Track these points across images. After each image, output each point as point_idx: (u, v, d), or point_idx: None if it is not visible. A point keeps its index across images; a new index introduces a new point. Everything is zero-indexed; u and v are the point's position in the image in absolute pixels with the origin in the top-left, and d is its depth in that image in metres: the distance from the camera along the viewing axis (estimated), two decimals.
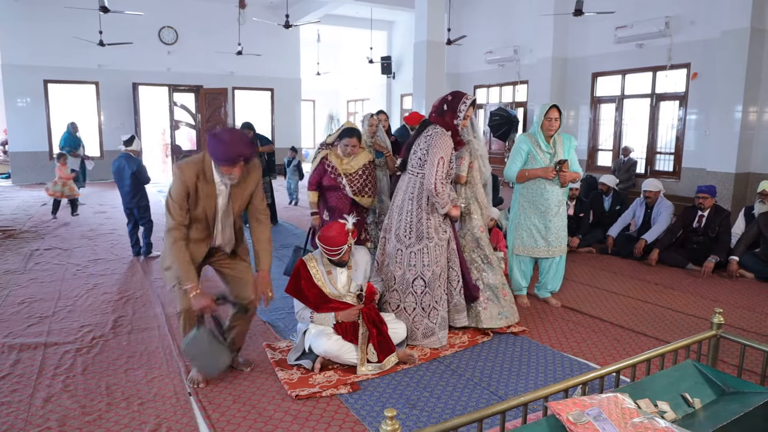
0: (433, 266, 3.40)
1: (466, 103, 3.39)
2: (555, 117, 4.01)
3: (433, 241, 3.39)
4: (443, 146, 3.29)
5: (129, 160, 5.61)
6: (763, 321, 4.04)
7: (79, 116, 12.57)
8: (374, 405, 2.73)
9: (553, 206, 4.10)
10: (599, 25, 9.31)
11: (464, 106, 3.38)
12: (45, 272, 5.20)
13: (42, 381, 2.99)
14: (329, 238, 3.14)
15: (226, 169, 2.70)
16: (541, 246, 4.17)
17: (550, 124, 4.03)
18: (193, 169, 2.73)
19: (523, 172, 4.11)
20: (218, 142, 2.63)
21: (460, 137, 3.45)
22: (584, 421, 1.68)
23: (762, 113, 7.36)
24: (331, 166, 4.07)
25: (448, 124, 3.38)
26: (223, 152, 2.63)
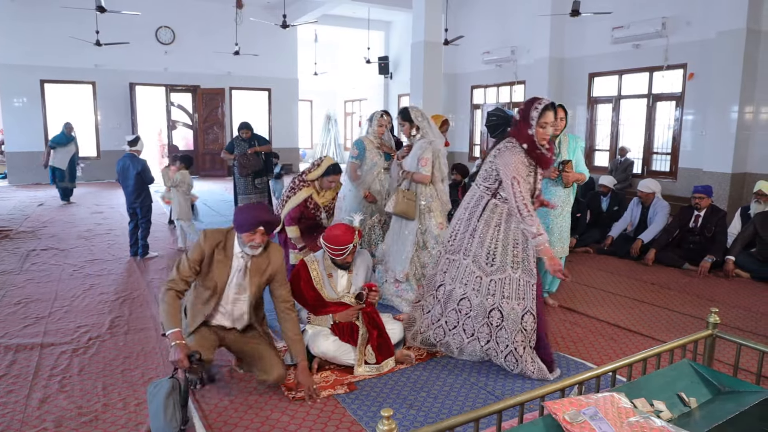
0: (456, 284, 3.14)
1: (537, 109, 2.91)
2: (560, 117, 3.89)
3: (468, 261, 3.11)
4: (512, 164, 2.91)
5: (133, 160, 5.62)
6: (758, 320, 4.06)
7: (76, 116, 12.53)
8: (371, 405, 2.74)
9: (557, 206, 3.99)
10: (596, 26, 9.32)
11: (535, 113, 2.90)
12: (41, 273, 5.19)
13: (38, 382, 2.98)
14: (335, 237, 3.12)
15: (247, 236, 2.72)
16: None
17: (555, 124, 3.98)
18: (215, 237, 2.79)
19: None
20: (241, 211, 2.80)
21: (539, 150, 2.96)
22: (580, 420, 1.68)
23: (758, 113, 7.38)
24: (313, 203, 4.09)
25: (523, 136, 2.96)
26: (244, 218, 2.73)
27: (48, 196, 9.92)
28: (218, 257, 2.78)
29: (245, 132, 7.24)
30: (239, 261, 2.82)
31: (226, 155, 7.32)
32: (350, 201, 4.93)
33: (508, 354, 3.04)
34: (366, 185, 4.86)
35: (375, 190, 4.86)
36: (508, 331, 3.01)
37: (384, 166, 4.90)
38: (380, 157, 4.89)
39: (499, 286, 3.02)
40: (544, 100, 2.95)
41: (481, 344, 3.11)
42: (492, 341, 3.07)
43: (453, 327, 3.21)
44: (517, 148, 2.97)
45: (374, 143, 4.90)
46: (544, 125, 2.92)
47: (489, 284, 3.05)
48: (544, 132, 2.93)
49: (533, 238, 2.88)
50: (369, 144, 4.89)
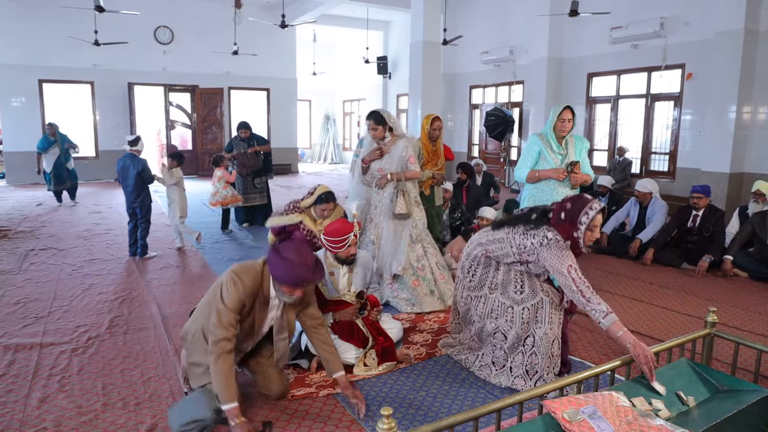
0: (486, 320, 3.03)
1: (588, 214, 2.66)
2: (568, 118, 3.91)
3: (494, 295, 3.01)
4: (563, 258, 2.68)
5: (134, 160, 5.62)
6: (756, 320, 4.07)
7: (74, 116, 12.56)
8: (371, 404, 2.74)
9: None
10: (594, 26, 9.34)
11: (586, 218, 2.66)
12: (40, 272, 5.18)
13: (38, 381, 2.98)
14: (334, 230, 3.14)
15: (286, 289, 2.45)
16: None
17: (563, 125, 3.93)
18: (252, 281, 2.47)
19: (533, 173, 4.02)
20: (284, 261, 2.38)
21: (581, 250, 2.76)
22: (579, 419, 1.69)
23: (756, 113, 7.40)
24: (306, 229, 4.06)
25: (568, 235, 2.74)
26: (288, 273, 2.38)
27: (46, 196, 9.90)
28: (258, 302, 2.53)
29: (244, 132, 7.22)
30: (275, 302, 2.60)
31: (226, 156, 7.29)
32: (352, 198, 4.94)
33: (538, 380, 2.89)
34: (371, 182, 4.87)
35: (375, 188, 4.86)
36: (539, 357, 2.87)
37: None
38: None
39: (532, 312, 2.90)
40: (596, 204, 2.68)
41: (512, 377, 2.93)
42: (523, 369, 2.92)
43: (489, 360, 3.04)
44: (565, 246, 2.74)
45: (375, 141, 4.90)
46: (593, 228, 2.71)
47: (522, 312, 2.91)
48: (592, 235, 2.72)
49: (604, 318, 2.46)
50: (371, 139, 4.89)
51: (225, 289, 2.44)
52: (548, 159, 4.00)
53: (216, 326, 2.37)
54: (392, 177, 4.18)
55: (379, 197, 4.35)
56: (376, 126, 4.18)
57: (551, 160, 3.99)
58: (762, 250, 5.15)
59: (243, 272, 2.47)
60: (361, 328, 3.15)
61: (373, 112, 4.26)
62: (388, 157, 4.25)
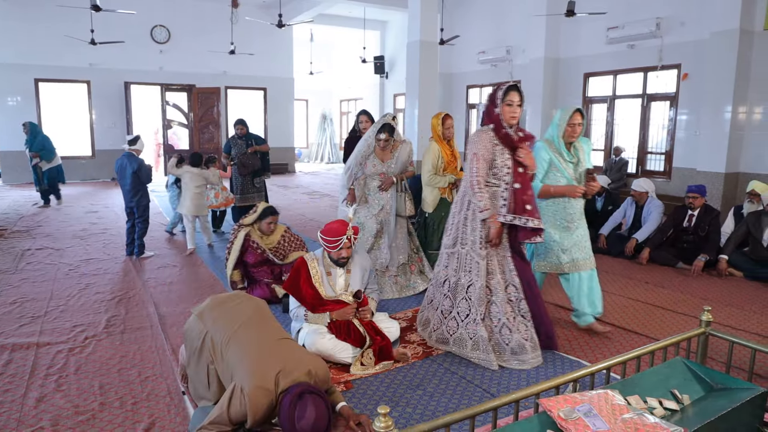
0: (460, 274, 3.25)
1: (502, 89, 3.11)
2: (578, 122, 3.55)
3: (466, 248, 3.23)
4: (477, 142, 3.12)
5: (131, 159, 5.62)
6: (750, 318, 4.10)
7: (71, 115, 12.54)
8: (367, 403, 2.75)
9: (576, 219, 3.68)
10: (591, 26, 9.36)
11: (500, 92, 3.11)
12: (37, 272, 5.17)
13: (34, 381, 2.98)
14: (329, 229, 3.21)
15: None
16: (565, 262, 3.66)
17: (574, 130, 3.56)
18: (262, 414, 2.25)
19: (546, 188, 3.59)
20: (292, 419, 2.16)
21: (505, 130, 3.12)
22: (575, 417, 1.70)
23: (751, 113, 7.43)
24: (255, 243, 4.28)
25: (490, 117, 3.15)
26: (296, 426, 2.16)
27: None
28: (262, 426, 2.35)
29: (240, 128, 7.13)
30: None
31: (226, 159, 7.12)
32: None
33: (502, 327, 3.19)
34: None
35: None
36: (498, 305, 3.20)
37: None
38: None
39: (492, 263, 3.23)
40: (509, 82, 3.18)
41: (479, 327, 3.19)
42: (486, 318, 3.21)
43: (465, 316, 3.26)
44: (485, 129, 3.17)
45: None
46: (510, 103, 3.09)
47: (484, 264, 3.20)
48: (511, 110, 3.10)
49: (481, 212, 3.10)
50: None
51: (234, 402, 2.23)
52: (560, 168, 3.62)
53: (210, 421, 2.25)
54: (397, 179, 4.46)
55: (379, 198, 4.50)
56: (390, 137, 4.39)
57: (564, 169, 3.62)
58: (757, 250, 5.18)
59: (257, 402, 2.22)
60: (358, 328, 3.16)
61: (386, 125, 4.40)
62: (391, 162, 4.46)
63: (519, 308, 3.23)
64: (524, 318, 3.23)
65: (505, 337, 3.19)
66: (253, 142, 7.15)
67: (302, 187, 12.44)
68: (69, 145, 12.51)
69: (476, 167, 3.09)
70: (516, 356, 3.17)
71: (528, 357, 3.17)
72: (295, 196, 10.75)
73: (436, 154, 4.64)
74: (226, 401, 2.24)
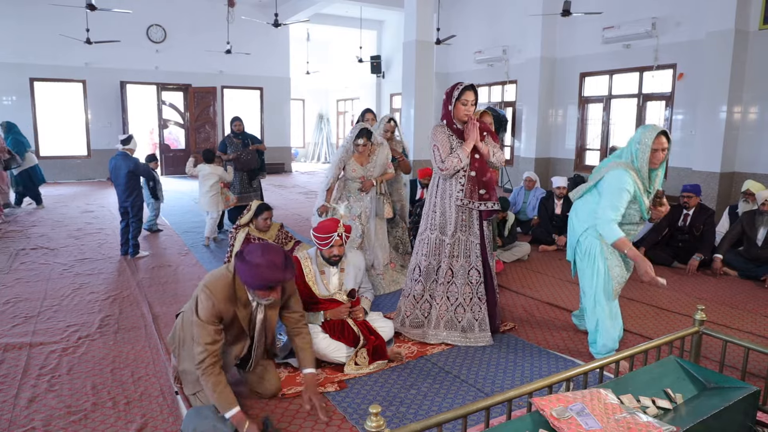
0: (430, 258, 3.52)
1: (458, 88, 3.37)
2: (663, 148, 3.02)
3: (435, 233, 3.51)
4: (434, 136, 3.45)
5: (125, 159, 5.60)
6: (744, 317, 4.10)
7: (66, 115, 12.48)
8: (361, 403, 2.74)
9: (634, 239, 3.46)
10: (587, 26, 9.38)
11: (456, 92, 3.36)
12: (31, 272, 5.15)
13: (27, 381, 2.96)
14: (321, 227, 3.22)
15: (261, 294, 2.46)
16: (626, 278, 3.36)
17: (657, 155, 3.03)
18: (224, 290, 2.45)
19: (626, 245, 3.02)
20: (251, 267, 2.36)
21: (456, 126, 3.45)
22: (567, 416, 1.70)
23: (746, 113, 7.45)
24: (256, 239, 4.38)
25: (444, 113, 3.47)
26: (257, 278, 2.37)
27: None
28: (237, 309, 2.51)
29: (237, 124, 7.06)
30: (254, 305, 2.60)
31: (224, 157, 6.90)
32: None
33: (458, 306, 3.50)
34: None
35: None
36: (458, 286, 3.48)
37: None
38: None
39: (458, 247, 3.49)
40: (465, 83, 3.40)
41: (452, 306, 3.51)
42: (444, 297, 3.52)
43: (440, 298, 3.52)
44: (440, 125, 3.49)
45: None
46: (465, 102, 3.35)
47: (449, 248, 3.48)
48: (464, 109, 3.35)
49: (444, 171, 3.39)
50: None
51: (199, 304, 2.44)
52: (640, 202, 3.11)
53: (197, 345, 2.39)
54: (377, 181, 4.60)
55: (360, 201, 4.60)
56: (368, 142, 4.47)
57: (643, 203, 3.12)
58: (751, 249, 5.19)
59: (214, 284, 2.46)
60: (352, 327, 3.16)
61: (363, 129, 4.45)
62: (370, 166, 4.55)
63: (477, 291, 3.50)
64: (480, 300, 3.50)
65: (459, 315, 3.49)
66: (249, 141, 7.11)
67: (298, 186, 12.42)
68: (64, 145, 12.47)
69: (439, 153, 3.41)
70: (464, 334, 3.49)
71: (475, 335, 3.49)
72: (292, 196, 10.73)
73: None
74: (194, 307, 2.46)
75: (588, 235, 3.26)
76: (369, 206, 4.63)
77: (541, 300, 4.51)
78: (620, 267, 3.26)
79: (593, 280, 3.26)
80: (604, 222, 3.05)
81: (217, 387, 2.34)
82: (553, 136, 10.58)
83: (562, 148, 10.45)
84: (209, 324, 2.40)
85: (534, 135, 10.46)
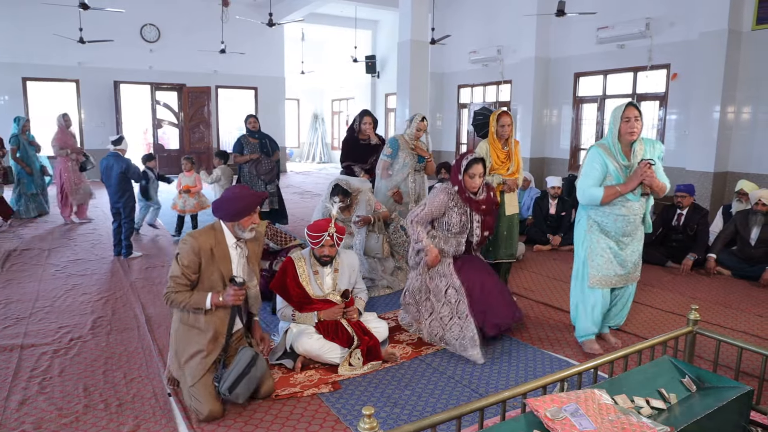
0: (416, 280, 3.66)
1: (467, 159, 3.42)
2: (635, 116, 3.10)
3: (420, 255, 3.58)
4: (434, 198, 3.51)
5: (117, 159, 5.56)
6: (738, 317, 4.12)
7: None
8: (355, 404, 2.73)
9: (632, 227, 3.31)
10: (581, 26, 9.39)
11: (464, 162, 3.41)
12: (23, 273, 5.11)
13: (17, 383, 2.93)
14: (314, 225, 3.22)
15: (247, 220, 2.71)
16: (620, 274, 3.36)
17: (630, 125, 3.11)
18: (205, 236, 2.70)
19: (611, 189, 3.17)
20: (230, 199, 2.71)
21: (467, 194, 3.46)
22: (561, 417, 1.69)
23: (739, 113, 7.48)
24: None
25: (455, 181, 3.49)
26: (239, 206, 2.68)
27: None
28: (217, 252, 2.71)
29: (253, 121, 6.64)
30: (237, 251, 2.78)
31: (241, 158, 6.52)
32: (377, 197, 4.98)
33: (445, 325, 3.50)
34: (394, 184, 4.92)
35: (404, 190, 4.93)
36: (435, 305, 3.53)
37: (416, 168, 4.98)
38: (412, 158, 4.94)
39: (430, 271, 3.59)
40: (473, 155, 3.43)
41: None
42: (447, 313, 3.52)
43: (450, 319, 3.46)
44: (446, 191, 3.50)
45: (409, 144, 4.92)
46: (472, 176, 3.39)
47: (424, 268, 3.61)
48: (472, 181, 3.40)
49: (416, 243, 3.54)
50: (404, 144, 4.92)
51: (181, 247, 2.69)
52: (614, 175, 3.21)
53: (170, 278, 2.67)
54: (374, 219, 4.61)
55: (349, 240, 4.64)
56: (345, 199, 4.48)
57: (620, 176, 3.21)
58: (744, 249, 5.21)
59: (197, 233, 2.74)
60: (346, 328, 3.14)
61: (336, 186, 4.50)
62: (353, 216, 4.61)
63: (457, 310, 3.42)
64: (461, 319, 3.39)
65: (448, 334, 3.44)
66: (267, 142, 6.68)
67: (293, 186, 12.39)
68: None
69: (423, 211, 3.50)
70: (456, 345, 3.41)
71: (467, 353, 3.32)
72: (286, 196, 10.65)
73: (485, 154, 4.41)
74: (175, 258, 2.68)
75: (577, 221, 3.50)
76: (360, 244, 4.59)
77: (536, 300, 4.51)
78: (606, 259, 3.32)
79: (575, 265, 3.51)
80: (583, 191, 3.27)
81: (187, 295, 2.64)
82: (548, 136, 10.60)
83: (557, 148, 10.47)
84: (185, 266, 2.64)
85: (529, 135, 10.47)
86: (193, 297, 2.64)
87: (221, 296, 2.64)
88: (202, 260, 2.66)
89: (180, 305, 2.65)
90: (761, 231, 5.10)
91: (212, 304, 2.63)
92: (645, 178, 3.12)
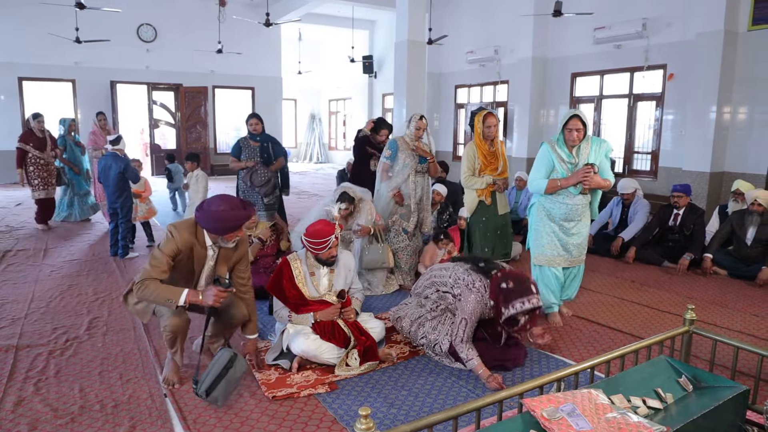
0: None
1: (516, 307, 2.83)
2: (577, 128, 3.64)
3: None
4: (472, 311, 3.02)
5: (116, 159, 5.54)
6: (734, 317, 4.13)
7: (55, 114, 12.32)
8: (352, 404, 2.73)
9: (574, 214, 3.79)
10: (578, 26, 9.40)
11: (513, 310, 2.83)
12: (18, 273, 5.09)
13: (13, 384, 2.92)
14: (315, 231, 3.13)
15: (230, 236, 2.76)
16: (563, 255, 3.86)
17: (571, 135, 3.67)
18: (188, 231, 2.76)
19: (553, 182, 3.71)
20: (215, 214, 2.68)
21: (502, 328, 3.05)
22: (558, 417, 1.69)
23: (736, 114, 7.50)
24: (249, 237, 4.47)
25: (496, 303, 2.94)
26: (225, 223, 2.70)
27: (26, 196, 9.73)
28: (195, 250, 2.78)
29: (256, 123, 5.77)
30: (210, 252, 2.87)
31: (236, 164, 5.73)
32: (378, 201, 4.90)
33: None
34: (394, 185, 4.81)
35: (404, 192, 4.84)
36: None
37: (417, 169, 4.84)
38: (413, 159, 4.80)
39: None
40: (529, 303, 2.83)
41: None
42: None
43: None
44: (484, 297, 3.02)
45: (409, 145, 4.80)
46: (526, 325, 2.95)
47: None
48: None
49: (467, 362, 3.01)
50: (403, 145, 4.80)
51: (164, 238, 2.75)
52: (558, 169, 3.74)
53: (148, 264, 2.68)
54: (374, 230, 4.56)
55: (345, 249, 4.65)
56: (349, 206, 4.47)
57: (562, 171, 3.73)
58: (740, 249, 5.22)
59: (180, 225, 2.78)
60: (342, 328, 3.14)
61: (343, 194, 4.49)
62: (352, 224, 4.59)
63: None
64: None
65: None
66: (269, 147, 5.85)
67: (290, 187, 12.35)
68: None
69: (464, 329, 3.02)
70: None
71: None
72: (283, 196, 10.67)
73: (472, 155, 4.44)
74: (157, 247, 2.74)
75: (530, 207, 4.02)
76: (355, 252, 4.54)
77: None
78: (549, 241, 3.84)
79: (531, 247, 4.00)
80: (531, 181, 3.85)
81: (159, 287, 2.63)
82: (545, 136, 10.60)
83: None
84: (165, 255, 2.67)
85: (525, 135, 10.47)
86: (167, 289, 2.64)
87: (201, 294, 2.64)
88: (183, 253, 2.73)
89: (151, 296, 2.63)
90: (757, 231, 5.11)
91: (186, 302, 2.63)
92: (584, 180, 3.61)
